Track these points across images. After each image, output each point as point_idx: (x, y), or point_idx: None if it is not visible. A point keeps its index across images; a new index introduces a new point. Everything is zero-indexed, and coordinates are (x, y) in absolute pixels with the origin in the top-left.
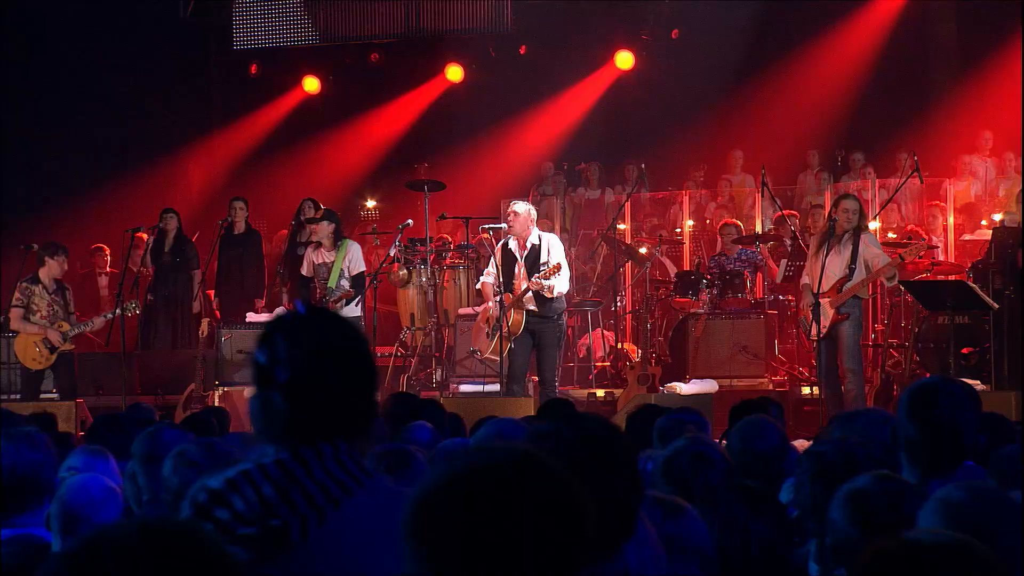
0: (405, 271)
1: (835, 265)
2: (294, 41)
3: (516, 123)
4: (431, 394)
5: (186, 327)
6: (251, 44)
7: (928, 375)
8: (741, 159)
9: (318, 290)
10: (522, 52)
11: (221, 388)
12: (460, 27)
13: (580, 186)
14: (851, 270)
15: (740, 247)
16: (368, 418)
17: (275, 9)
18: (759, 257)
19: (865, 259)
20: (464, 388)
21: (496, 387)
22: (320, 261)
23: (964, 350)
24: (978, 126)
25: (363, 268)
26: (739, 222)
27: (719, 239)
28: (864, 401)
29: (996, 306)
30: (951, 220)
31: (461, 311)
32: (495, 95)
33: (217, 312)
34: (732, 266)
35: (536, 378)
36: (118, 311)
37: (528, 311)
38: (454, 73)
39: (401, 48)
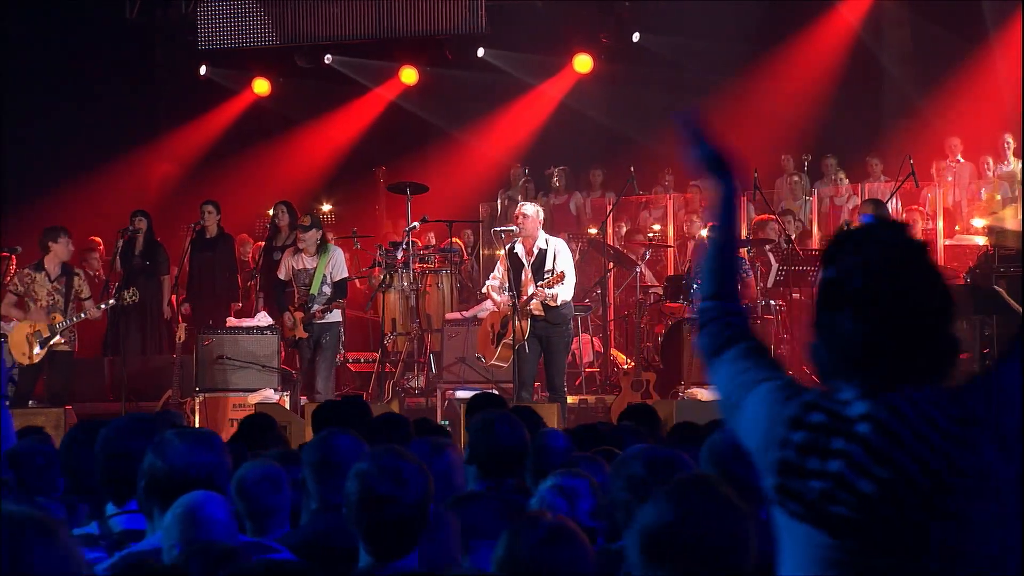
0: (387, 275)
1: None
2: (255, 42)
3: (476, 127)
4: (417, 400)
5: (156, 332)
6: (215, 44)
7: None
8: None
9: (297, 295)
10: (479, 55)
11: (202, 395)
12: (430, 29)
13: (547, 191)
14: None
15: None
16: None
17: (238, 9)
18: (745, 263)
19: None
20: (461, 394)
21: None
22: (301, 267)
23: (962, 356)
24: (944, 132)
25: (346, 274)
26: None
27: (702, 243)
28: None
29: None
30: (940, 225)
31: (448, 316)
32: (452, 98)
33: (180, 318)
34: None
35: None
36: (112, 302)
37: (535, 316)
38: (408, 76)
39: (354, 50)
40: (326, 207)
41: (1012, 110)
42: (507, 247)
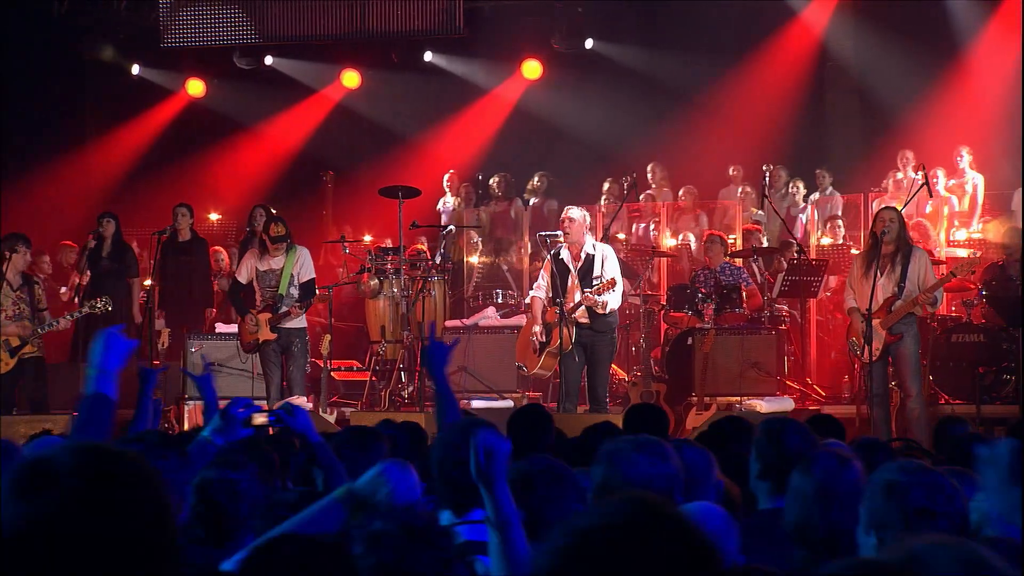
0: (376, 281)
1: (887, 284)
2: (225, 40)
3: (424, 131)
4: (409, 409)
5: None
6: (179, 42)
7: (944, 396)
8: (659, 173)
9: (259, 297)
10: (426, 59)
11: (192, 403)
12: (406, 29)
13: (488, 198)
14: (900, 288)
15: (725, 260)
16: None
17: (202, 8)
18: (744, 272)
19: (916, 277)
20: (476, 404)
21: (509, 403)
22: (267, 268)
23: (980, 369)
24: (897, 145)
25: (313, 275)
26: (724, 234)
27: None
28: (927, 422)
29: None
30: (941, 235)
31: (448, 323)
32: (399, 101)
33: (161, 322)
34: (729, 280)
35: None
36: (85, 310)
37: (579, 324)
38: (350, 79)
39: (294, 51)
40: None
41: (968, 124)
42: (552, 252)
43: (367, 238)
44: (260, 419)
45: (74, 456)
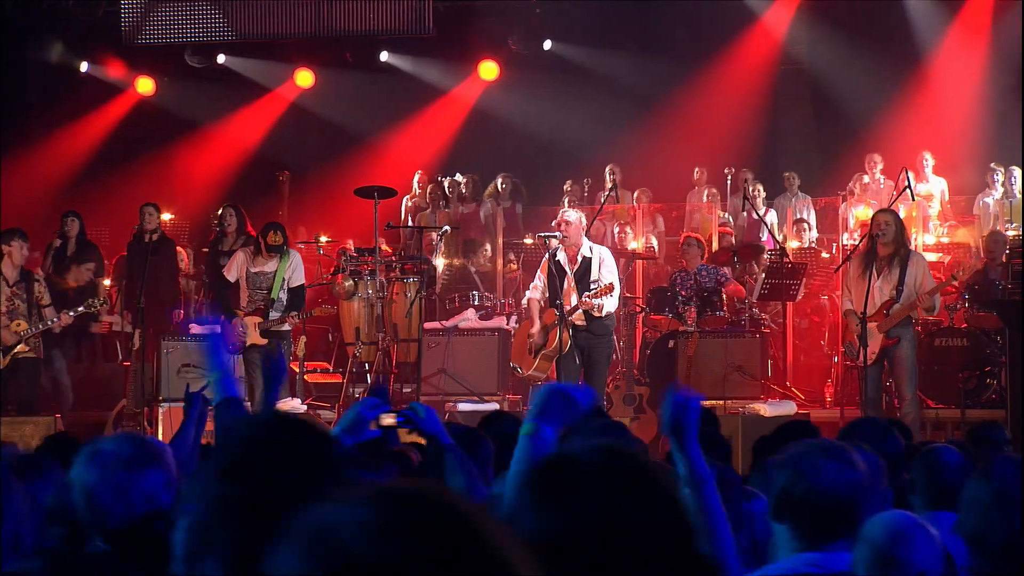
0: (351, 282)
1: (884, 287)
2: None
3: (381, 132)
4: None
5: (91, 338)
6: (148, 39)
7: (928, 401)
8: (619, 174)
9: (245, 298)
10: (382, 59)
11: (166, 405)
12: (374, 28)
13: (453, 199)
14: (898, 292)
15: (701, 263)
16: None
17: (170, 5)
18: (720, 272)
19: (913, 282)
20: (463, 407)
21: (494, 405)
22: (258, 270)
23: (961, 374)
24: (864, 148)
25: (303, 281)
26: (701, 237)
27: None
28: (920, 427)
29: None
30: (922, 239)
31: (427, 326)
32: (354, 101)
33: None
34: (708, 283)
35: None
36: (81, 308)
37: (576, 327)
38: (303, 78)
39: (247, 50)
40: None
41: (930, 129)
42: (548, 254)
43: (323, 238)
44: (388, 420)
45: (602, 458)
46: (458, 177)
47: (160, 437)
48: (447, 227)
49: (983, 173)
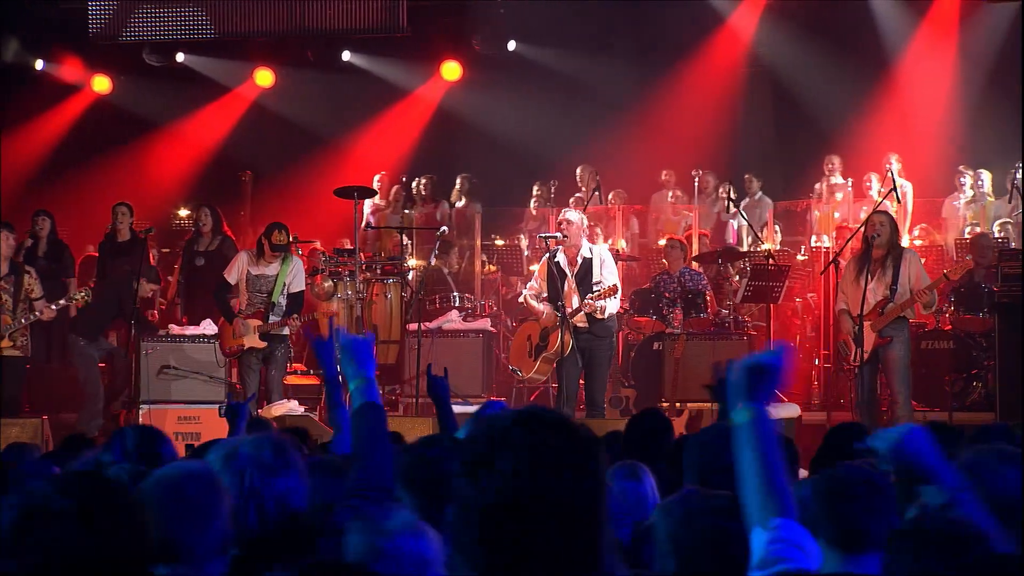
0: (330, 283)
1: (878, 288)
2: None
3: (345, 132)
4: None
5: (62, 339)
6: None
7: (916, 403)
8: (587, 176)
9: (243, 300)
10: (345, 58)
11: (145, 407)
12: (347, 26)
13: (413, 200)
14: (892, 291)
15: (683, 266)
16: None
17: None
18: (703, 278)
19: (907, 280)
20: (458, 410)
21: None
22: (259, 272)
23: (948, 377)
24: (826, 150)
25: (303, 287)
26: (683, 239)
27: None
28: None
29: None
30: (914, 239)
31: (411, 327)
32: (317, 101)
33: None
34: (691, 285)
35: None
36: (63, 301)
37: (577, 329)
38: (263, 78)
39: (207, 49)
40: (183, 212)
41: (897, 132)
42: (548, 255)
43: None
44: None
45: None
46: (417, 179)
47: None
48: (444, 228)
49: (950, 176)
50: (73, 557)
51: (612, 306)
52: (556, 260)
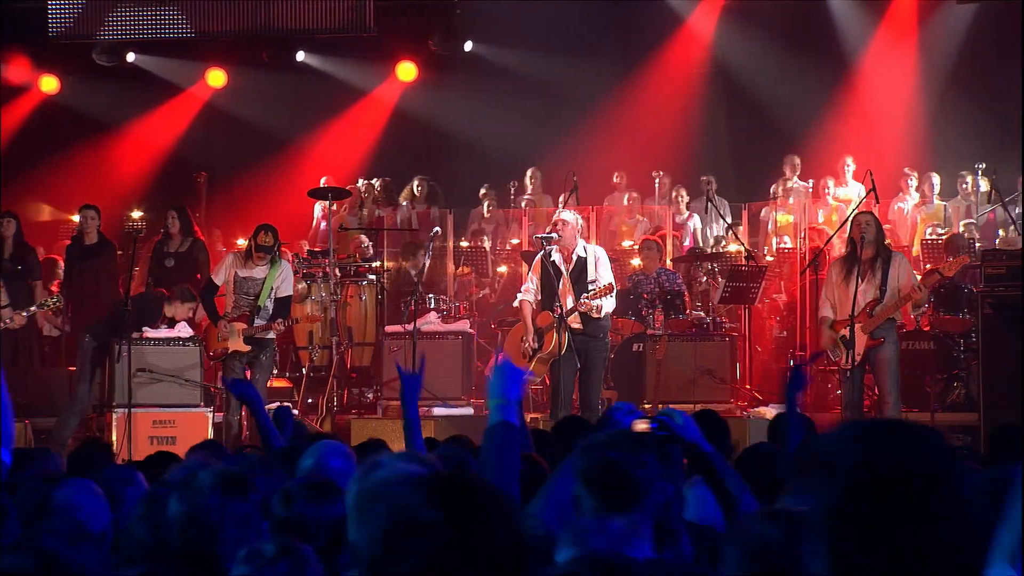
0: (304, 285)
1: (867, 289)
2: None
3: (301, 133)
4: (345, 417)
5: (28, 342)
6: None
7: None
8: (539, 177)
9: (230, 302)
10: (299, 59)
11: (119, 411)
12: (313, 26)
13: (370, 203)
14: (882, 292)
15: (659, 267)
16: None
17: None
18: (680, 279)
19: (896, 281)
20: (437, 412)
21: (469, 410)
22: (247, 275)
23: (928, 377)
24: (783, 152)
25: (291, 293)
26: (658, 239)
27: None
28: None
29: None
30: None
31: (388, 329)
32: (271, 102)
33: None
34: (669, 286)
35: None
36: (34, 308)
37: (572, 329)
38: (215, 78)
39: (158, 49)
40: (136, 214)
41: (854, 134)
42: (542, 254)
43: (240, 241)
44: (642, 425)
45: None
46: (373, 181)
47: (113, 444)
48: (438, 228)
49: (897, 178)
50: (450, 566)
51: (608, 305)
52: (552, 259)
